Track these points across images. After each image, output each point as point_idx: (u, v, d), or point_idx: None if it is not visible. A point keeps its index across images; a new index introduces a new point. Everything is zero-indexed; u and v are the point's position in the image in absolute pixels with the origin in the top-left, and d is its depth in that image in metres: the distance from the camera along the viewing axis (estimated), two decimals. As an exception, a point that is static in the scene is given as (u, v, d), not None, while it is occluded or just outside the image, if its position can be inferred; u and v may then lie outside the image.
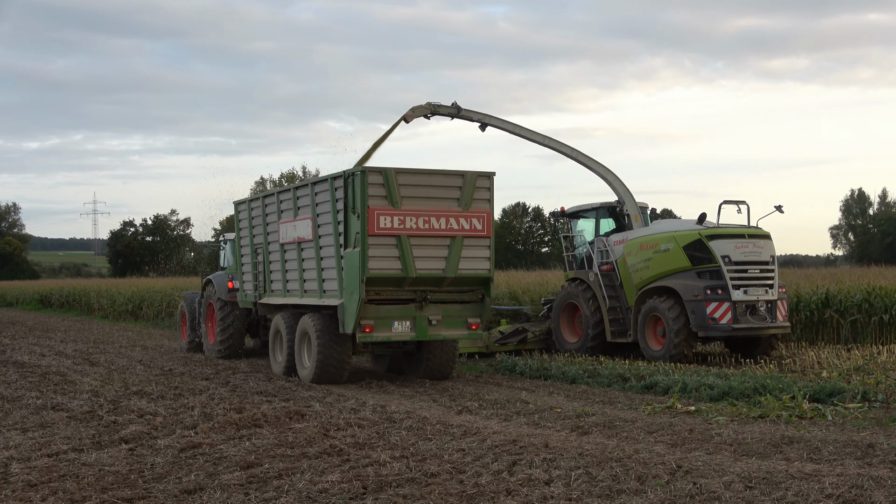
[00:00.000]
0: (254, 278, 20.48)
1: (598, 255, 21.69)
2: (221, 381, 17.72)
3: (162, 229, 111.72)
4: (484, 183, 16.51)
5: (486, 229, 16.51)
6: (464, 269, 16.46)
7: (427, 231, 16.08)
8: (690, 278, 19.52)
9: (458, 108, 21.88)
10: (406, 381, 17.36)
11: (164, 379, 18.14)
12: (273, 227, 19.27)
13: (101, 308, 48.69)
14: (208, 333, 23.60)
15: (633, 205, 21.74)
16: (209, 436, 11.74)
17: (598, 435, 11.69)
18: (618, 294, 21.15)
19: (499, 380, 17.79)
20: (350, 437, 11.58)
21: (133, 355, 23.67)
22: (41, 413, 13.85)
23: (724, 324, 19.02)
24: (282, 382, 17.23)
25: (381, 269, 15.84)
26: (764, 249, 19.76)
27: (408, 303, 16.35)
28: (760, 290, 19.48)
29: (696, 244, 19.64)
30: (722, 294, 19.11)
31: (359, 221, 15.72)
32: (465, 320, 16.73)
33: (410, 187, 15.97)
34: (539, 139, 22.42)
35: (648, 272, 20.35)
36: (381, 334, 16.24)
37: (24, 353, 24.46)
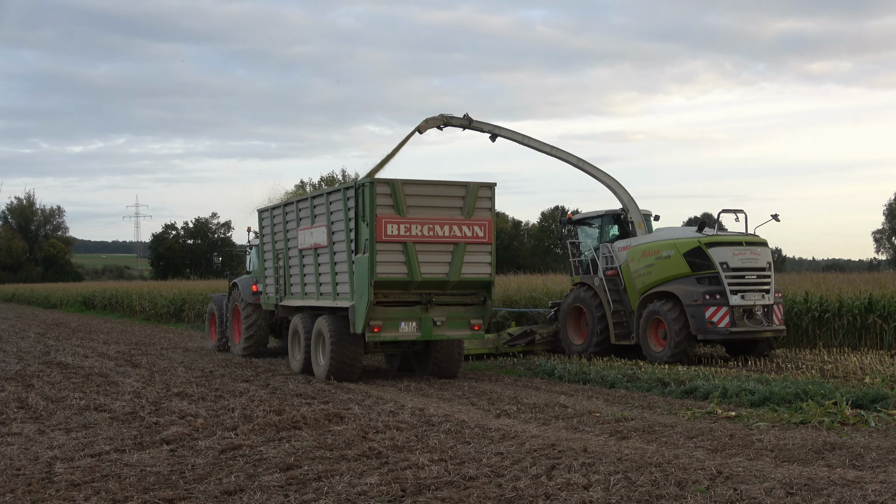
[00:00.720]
0: (275, 282, 21.56)
1: (603, 260, 22.60)
2: (261, 383, 17.82)
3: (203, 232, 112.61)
4: (485, 193, 17.59)
5: (488, 236, 17.53)
6: (466, 274, 17.50)
7: (431, 238, 17.18)
8: (690, 284, 20.43)
9: (469, 120, 22.76)
10: (445, 385, 17.37)
11: (204, 381, 18.28)
12: (293, 234, 20.33)
13: (143, 310, 49.18)
14: (234, 334, 24.78)
15: (636, 212, 22.64)
16: (249, 437, 11.81)
17: (638, 440, 11.63)
18: (622, 298, 22.03)
19: (537, 383, 17.75)
20: (389, 439, 11.60)
21: (174, 357, 23.88)
22: (84, 414, 14.01)
23: (723, 327, 19.90)
24: (321, 385, 17.31)
25: (388, 273, 16.95)
26: (760, 256, 20.62)
27: (414, 305, 17.41)
28: (757, 295, 20.33)
29: (696, 251, 20.56)
30: (720, 299, 20.02)
31: (368, 229, 16.84)
32: (468, 321, 17.78)
33: (416, 197, 17.09)
34: (547, 149, 23.21)
35: (650, 277, 21.23)
36: (388, 334, 17.32)
37: (68, 354, 24.76)
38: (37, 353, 25.33)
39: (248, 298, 23.78)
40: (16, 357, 23.91)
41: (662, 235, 21.75)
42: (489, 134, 23.12)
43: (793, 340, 24.53)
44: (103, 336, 33.15)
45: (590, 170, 23.10)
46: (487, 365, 20.94)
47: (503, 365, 20.86)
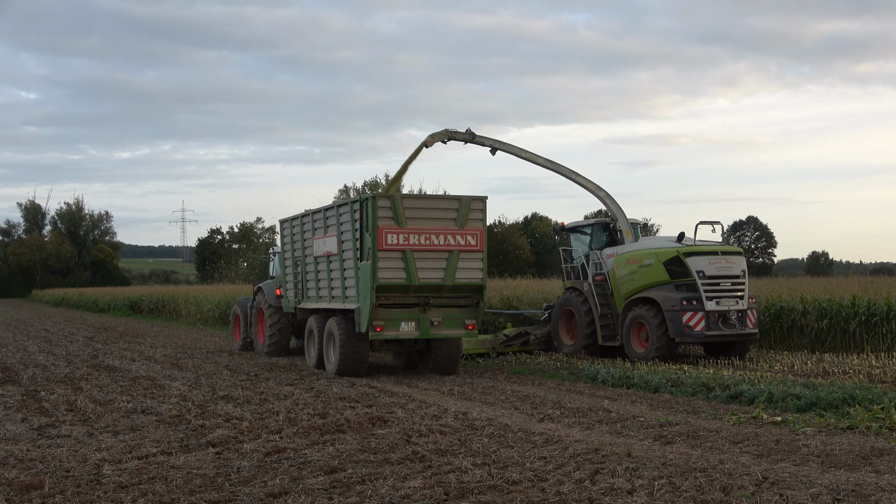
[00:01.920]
0: (294, 286, 23.50)
1: (592, 266, 24.18)
2: (305, 386, 17.93)
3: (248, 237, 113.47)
4: (477, 205, 19.43)
5: (480, 244, 19.40)
6: (460, 278, 19.31)
7: (428, 246, 18.99)
8: (669, 290, 21.94)
9: (472, 135, 24.48)
10: (488, 390, 17.38)
11: (249, 384, 18.42)
12: (309, 243, 22.26)
13: (189, 314, 49.63)
14: (258, 334, 26.71)
15: (624, 222, 24.23)
16: (294, 441, 11.89)
17: (682, 445, 11.56)
18: (609, 302, 23.60)
19: (581, 388, 17.71)
20: (432, 443, 11.62)
21: (220, 360, 24.08)
22: (131, 417, 14.17)
23: (699, 331, 21.36)
24: (365, 389, 17.39)
25: (388, 278, 18.79)
26: (735, 265, 22.06)
27: (413, 307, 19.26)
28: (731, 301, 21.76)
29: (675, 260, 22.04)
30: (696, 304, 21.47)
31: (371, 238, 18.71)
32: (462, 322, 19.61)
33: (414, 210, 18.97)
34: (542, 162, 24.72)
35: (633, 284, 22.75)
36: (389, 333, 19.17)
37: (116, 357, 25.05)
38: (85, 356, 25.66)
39: (272, 301, 25.44)
40: (65, 360, 24.24)
41: (646, 245, 23.23)
42: (489, 148, 24.75)
43: (839, 345, 24.26)
44: (150, 340, 33.50)
45: (583, 182, 24.67)
46: (531, 368, 20.92)
47: (544, 369, 20.83)
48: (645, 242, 23.56)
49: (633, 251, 23.12)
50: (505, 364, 22.09)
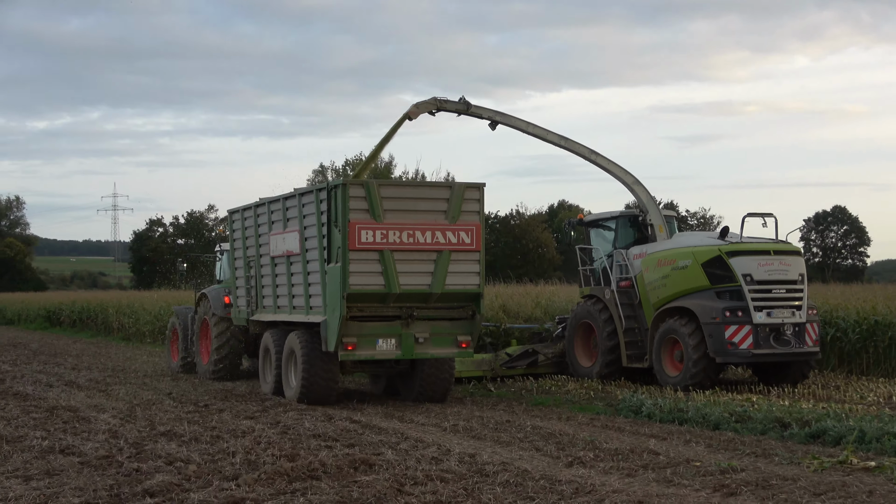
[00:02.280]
0: (246, 293, 23.68)
1: (616, 269, 24.46)
2: (269, 420, 17.94)
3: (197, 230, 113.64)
4: (473, 195, 19.70)
5: (476, 243, 19.63)
6: (452, 285, 19.57)
7: (411, 245, 19.24)
8: (709, 298, 22.06)
9: (466, 105, 24.90)
10: (501, 426, 17.39)
11: (198, 417, 18.43)
12: (265, 239, 22.45)
13: (122, 327, 49.71)
14: (202, 352, 26.81)
15: (657, 214, 24.45)
16: (254, 489, 11.88)
17: (749, 497, 11.55)
18: (636, 314, 23.87)
19: (620, 423, 17.72)
20: (430, 493, 11.61)
21: (161, 387, 24.11)
22: (47, 457, 14.15)
23: (744, 349, 21.54)
24: (345, 424, 17.40)
25: (362, 284, 19.04)
26: (791, 267, 22.31)
27: (393, 320, 19.50)
28: (786, 312, 21.96)
29: (716, 261, 22.21)
30: (742, 316, 21.64)
31: (340, 235, 18.90)
32: (454, 338, 19.88)
33: (394, 200, 19.29)
34: (554, 139, 25.38)
35: (666, 291, 22.96)
36: (364, 352, 19.51)
37: (28, 382, 25.07)
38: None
39: (219, 311, 25.58)
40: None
41: (681, 242, 23.48)
42: (488, 121, 25.35)
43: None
44: (72, 360, 33.54)
45: (604, 164, 25.12)
46: (556, 399, 20.93)
47: (574, 399, 20.84)
48: (680, 240, 23.83)
49: (666, 250, 23.35)
50: (523, 392, 22.10)
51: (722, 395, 20.55)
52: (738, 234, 22.75)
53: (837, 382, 22.93)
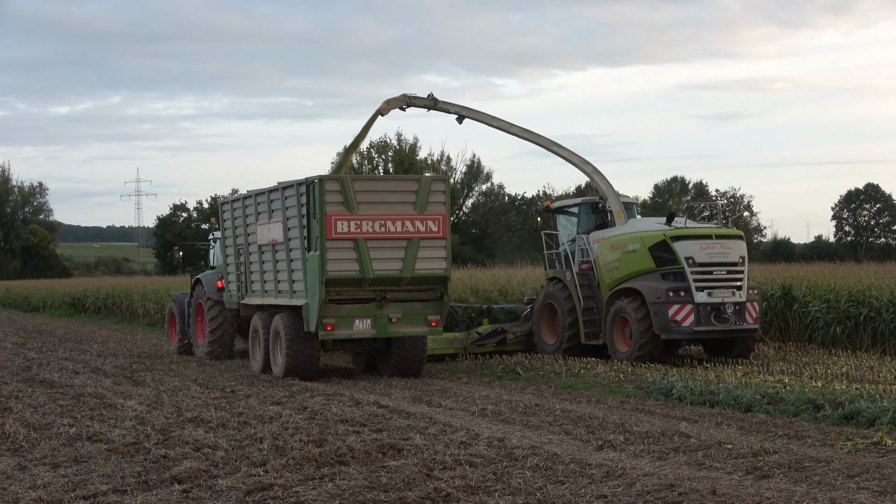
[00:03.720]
0: (237, 279, 25.79)
1: (578, 253, 26.41)
2: (297, 405, 18.01)
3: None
4: (439, 187, 22.03)
5: (442, 231, 21.79)
6: (421, 269, 21.74)
7: (383, 234, 21.39)
8: (655, 280, 23.95)
9: (434, 101, 26.93)
10: (531, 410, 17.40)
11: (225, 403, 18.52)
12: (252, 229, 24.50)
13: (147, 314, 49.89)
14: (198, 334, 28.92)
15: (615, 201, 26.12)
16: (282, 475, 11.94)
17: (782, 479, 11.55)
18: (595, 294, 25.73)
19: (650, 406, 17.71)
20: (459, 478, 11.66)
21: (187, 373, 24.22)
22: (75, 445, 14.27)
23: (686, 326, 23.41)
24: (372, 409, 17.45)
25: (339, 270, 21.14)
26: (732, 250, 24.08)
27: (368, 302, 21.70)
28: (726, 292, 23.75)
29: (661, 245, 24.04)
30: (684, 296, 23.45)
31: (319, 226, 20.95)
32: (424, 317, 22.07)
33: (367, 193, 21.44)
34: (517, 132, 27.29)
35: (618, 273, 24.88)
36: (342, 332, 21.69)
37: (54, 369, 25.20)
38: (15, 368, 25.87)
39: (212, 295, 27.69)
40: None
41: (633, 228, 25.28)
42: (455, 115, 27.27)
43: None
44: (97, 346, 33.70)
45: (565, 154, 27.04)
46: (585, 382, 20.93)
47: (604, 382, 20.83)
48: (633, 225, 25.58)
49: (619, 235, 25.18)
50: (552, 376, 22.15)
51: (754, 376, 20.52)
52: (684, 220, 24.86)
53: (871, 363, 22.83)
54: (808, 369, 21.77)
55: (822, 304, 26.82)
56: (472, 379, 22.43)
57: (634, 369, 22.69)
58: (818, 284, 28.13)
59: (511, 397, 19.03)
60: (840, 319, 26.24)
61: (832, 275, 29.64)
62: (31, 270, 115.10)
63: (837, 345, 26.00)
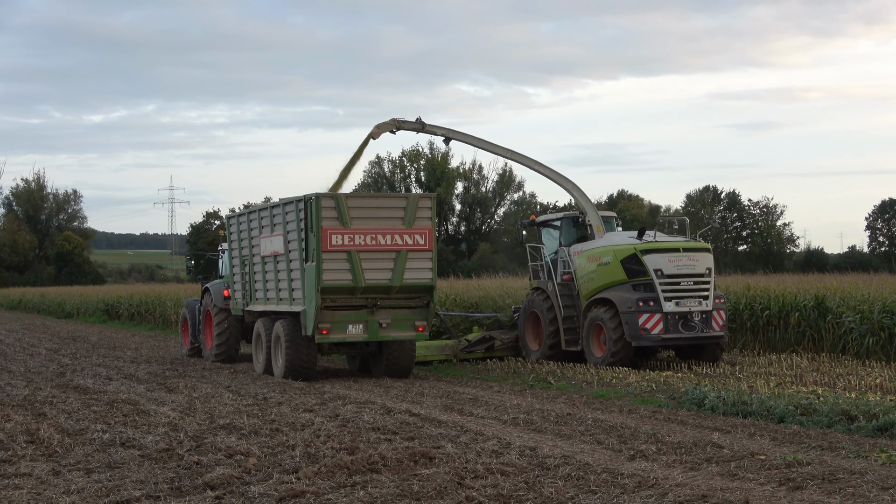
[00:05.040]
0: (242, 287, 27.66)
1: (560, 265, 27.96)
2: (328, 413, 18.05)
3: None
4: (426, 203, 23.91)
5: (428, 244, 23.71)
6: (409, 279, 23.56)
7: (374, 247, 23.22)
8: (626, 290, 25.61)
9: (422, 124, 28.69)
10: (562, 419, 17.38)
11: (257, 410, 18.58)
12: (256, 241, 26.37)
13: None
14: (206, 339, 30.85)
15: (594, 216, 27.76)
16: (314, 482, 11.97)
17: (815, 491, 11.49)
18: (575, 304, 27.29)
19: (682, 416, 17.65)
20: (491, 486, 11.65)
21: (220, 380, 24.32)
22: (108, 450, 14.34)
23: (655, 334, 25.06)
24: (404, 417, 17.46)
25: (333, 279, 22.96)
26: (699, 262, 25.72)
27: (360, 308, 23.56)
28: (693, 301, 25.41)
29: (632, 258, 25.70)
30: (653, 306, 25.12)
31: (315, 239, 22.79)
32: (412, 323, 23.97)
33: (359, 209, 23.24)
34: (502, 152, 29.38)
35: (593, 284, 26.57)
36: (336, 336, 23.49)
37: (88, 375, 25.38)
38: (49, 373, 26.07)
39: (219, 303, 29.65)
40: (23, 379, 24.60)
41: (607, 241, 26.83)
42: (443, 137, 29.34)
43: None
44: (131, 353, 33.91)
45: (547, 173, 28.71)
46: (617, 392, 20.87)
47: (635, 392, 20.77)
48: (608, 238, 27.11)
49: (594, 248, 26.85)
50: (584, 385, 22.11)
51: (787, 387, 20.42)
52: (653, 234, 26.33)
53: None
54: (841, 380, 21.66)
55: (856, 314, 26.70)
56: (503, 388, 22.42)
57: (666, 380, 22.61)
58: (852, 295, 28.00)
59: (542, 406, 19.01)
60: (874, 330, 26.12)
61: (866, 285, 29.52)
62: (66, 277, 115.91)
63: (871, 356, 25.87)
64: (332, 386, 22.82)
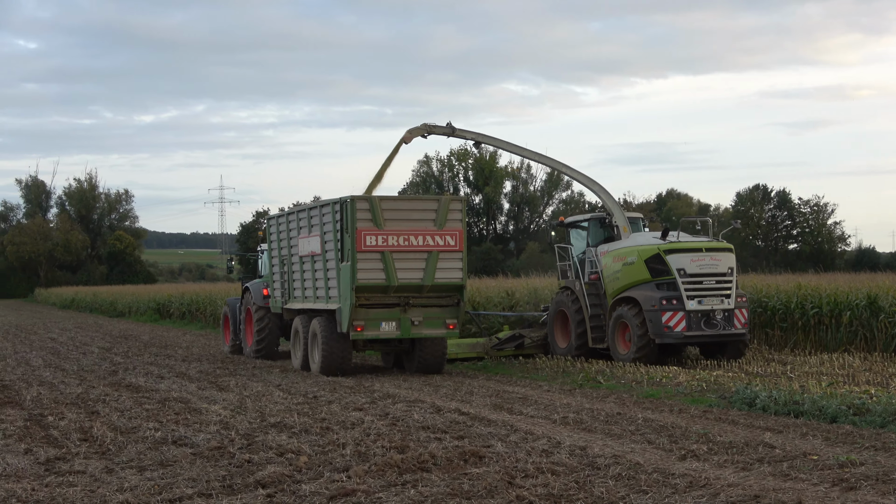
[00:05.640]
0: (281, 286, 28.71)
1: (588, 265, 28.83)
2: (378, 412, 18.08)
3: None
4: (456, 206, 24.86)
5: (459, 244, 24.56)
6: (440, 278, 24.41)
7: (407, 247, 24.08)
8: (650, 289, 26.43)
9: (451, 129, 29.62)
10: (612, 419, 17.33)
11: (308, 408, 18.64)
12: (295, 242, 27.41)
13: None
14: (247, 336, 31.87)
15: (620, 216, 28.65)
16: (365, 481, 11.99)
17: (869, 491, 11.41)
18: (601, 303, 28.13)
19: (734, 416, 17.55)
20: (542, 486, 11.65)
21: (270, 378, 24.44)
22: (161, 448, 14.45)
23: (678, 331, 25.85)
24: (453, 416, 17.47)
25: (368, 279, 23.85)
26: (722, 262, 26.51)
27: (393, 307, 24.43)
28: (716, 300, 26.18)
29: (656, 258, 26.50)
30: (676, 304, 25.94)
31: (350, 240, 23.67)
32: (443, 321, 24.84)
33: (392, 211, 24.12)
34: (529, 155, 30.99)
35: (619, 283, 27.37)
36: (370, 333, 24.41)
37: (140, 374, 25.60)
38: (102, 372, 26.32)
39: (259, 302, 30.66)
40: (77, 377, 24.83)
41: (631, 242, 27.64)
42: (472, 141, 30.53)
43: None
44: (182, 352, 34.16)
45: (575, 175, 30.05)
46: (667, 391, 20.78)
47: (686, 391, 20.67)
48: (634, 239, 27.89)
49: (620, 248, 27.66)
50: (633, 385, 22.04)
51: (839, 387, 20.25)
52: (677, 235, 27.06)
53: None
54: (894, 380, 21.45)
55: (909, 313, 26.48)
56: (552, 387, 22.40)
57: (717, 379, 22.48)
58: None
59: (592, 406, 18.96)
60: (927, 329, 25.89)
61: (919, 284, 29.20)
62: (117, 276, 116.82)
63: (925, 355, 25.62)
64: (382, 384, 22.89)
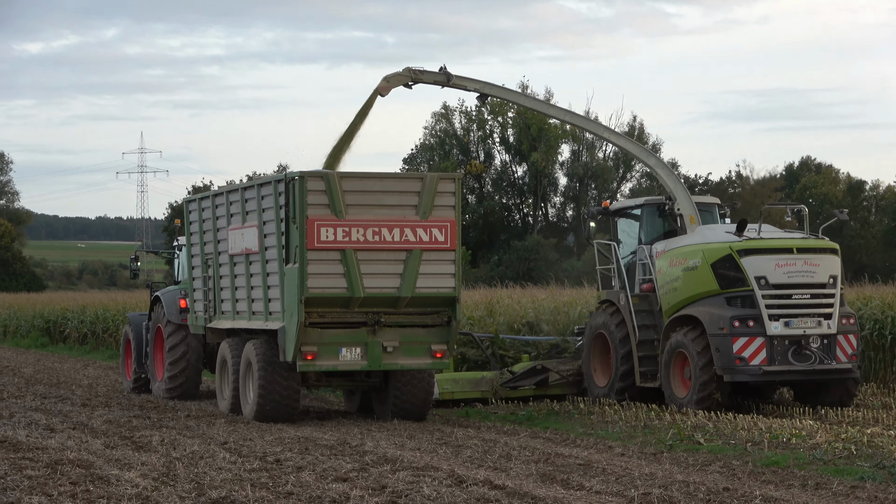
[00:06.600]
0: (204, 297, 29.11)
1: (639, 269, 29.20)
2: (371, 483, 18.05)
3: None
4: (447, 187, 25.22)
5: (450, 241, 24.97)
6: (423, 288, 24.98)
7: (377, 244, 24.56)
8: (718, 305, 26.51)
9: (447, 76, 30.34)
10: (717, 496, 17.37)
11: (266, 478, 18.64)
12: (223, 235, 27.85)
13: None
14: (157, 367, 32.27)
15: (687, 202, 28.65)
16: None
17: None
18: (656, 323, 28.44)
19: (895, 494, 17.56)
20: None
21: (211, 432, 24.46)
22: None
23: (755, 365, 25.81)
24: (481, 490, 17.48)
25: (321, 287, 24.29)
26: (820, 268, 26.45)
27: (358, 326, 24.88)
28: (810, 322, 26.10)
29: (726, 260, 26.53)
30: (754, 327, 25.95)
31: (298, 233, 23.94)
32: (428, 347, 25.24)
33: (358, 194, 24.72)
34: (555, 113, 32.34)
35: (676, 295, 27.58)
36: (325, 362, 24.81)
37: (20, 424, 25.59)
38: (-38, 422, 26.28)
39: (173, 318, 31.02)
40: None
41: (697, 238, 27.78)
42: (475, 93, 31.18)
43: None
44: (82, 392, 34.18)
45: (621, 142, 32.01)
46: (799, 457, 20.81)
47: (825, 458, 20.66)
48: (700, 233, 28.01)
49: (680, 247, 27.86)
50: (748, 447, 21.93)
51: None
52: (758, 229, 27.15)
53: None
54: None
55: None
56: (627, 448, 22.40)
57: (870, 440, 22.47)
58: None
59: (687, 477, 18.96)
60: None
61: None
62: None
63: None
64: (376, 442, 22.84)
